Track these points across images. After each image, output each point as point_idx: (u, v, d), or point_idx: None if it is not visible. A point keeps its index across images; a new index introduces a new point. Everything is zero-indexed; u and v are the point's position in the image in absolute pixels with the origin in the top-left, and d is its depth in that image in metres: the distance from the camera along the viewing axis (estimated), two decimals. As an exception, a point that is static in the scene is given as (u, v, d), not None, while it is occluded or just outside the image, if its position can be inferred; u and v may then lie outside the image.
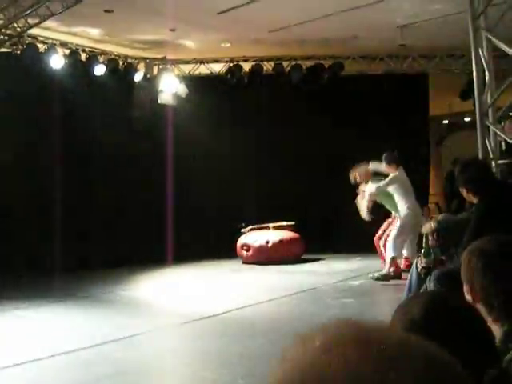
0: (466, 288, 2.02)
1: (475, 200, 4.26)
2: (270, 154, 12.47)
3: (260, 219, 11.52)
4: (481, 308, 1.98)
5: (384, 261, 8.79)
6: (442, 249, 4.73)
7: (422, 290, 4.62)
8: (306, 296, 7.61)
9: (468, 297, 2.02)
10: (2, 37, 9.71)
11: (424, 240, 4.59)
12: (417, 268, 4.63)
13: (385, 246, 8.72)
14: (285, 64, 11.82)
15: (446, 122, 16.45)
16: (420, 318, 1.39)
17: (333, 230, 12.12)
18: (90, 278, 9.40)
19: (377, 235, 9.13)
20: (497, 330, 1.96)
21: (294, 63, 11.74)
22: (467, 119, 14.41)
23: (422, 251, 4.41)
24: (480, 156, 5.56)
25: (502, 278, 1.92)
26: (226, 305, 7.17)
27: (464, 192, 4.31)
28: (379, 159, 8.82)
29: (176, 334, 6.08)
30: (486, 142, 5.58)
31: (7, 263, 9.38)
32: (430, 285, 4.21)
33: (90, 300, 7.74)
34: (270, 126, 12.52)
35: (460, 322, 1.40)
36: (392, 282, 8.09)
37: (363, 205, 8.69)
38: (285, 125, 12.49)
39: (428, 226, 4.85)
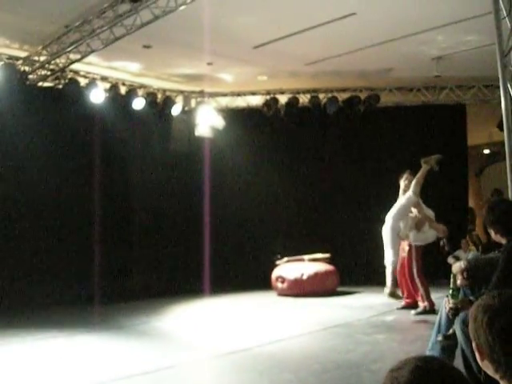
0: (473, 345, 1.99)
1: (503, 241, 4.18)
2: (305, 185, 12.50)
3: (295, 251, 11.52)
4: (488, 365, 1.95)
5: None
6: (472, 289, 4.62)
7: (450, 332, 4.54)
8: (338, 331, 7.53)
9: (476, 354, 2.00)
10: (44, 72, 10.08)
11: (452, 280, 4.48)
12: (445, 308, 4.52)
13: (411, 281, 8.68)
14: (321, 96, 11.88)
15: (486, 151, 16.13)
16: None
17: (369, 262, 12.00)
18: (125, 309, 9.53)
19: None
20: (505, 387, 1.93)
21: (330, 95, 11.78)
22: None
23: (450, 291, 4.28)
24: (510, 195, 5.46)
25: (507, 334, 1.90)
26: (257, 338, 7.17)
27: (492, 233, 4.23)
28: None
29: (205, 368, 6.08)
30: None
31: (46, 294, 9.60)
32: (456, 327, 4.13)
33: (125, 331, 7.81)
34: (306, 158, 12.56)
35: None
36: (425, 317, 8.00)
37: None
38: (321, 156, 12.52)
39: (457, 266, 4.74)
